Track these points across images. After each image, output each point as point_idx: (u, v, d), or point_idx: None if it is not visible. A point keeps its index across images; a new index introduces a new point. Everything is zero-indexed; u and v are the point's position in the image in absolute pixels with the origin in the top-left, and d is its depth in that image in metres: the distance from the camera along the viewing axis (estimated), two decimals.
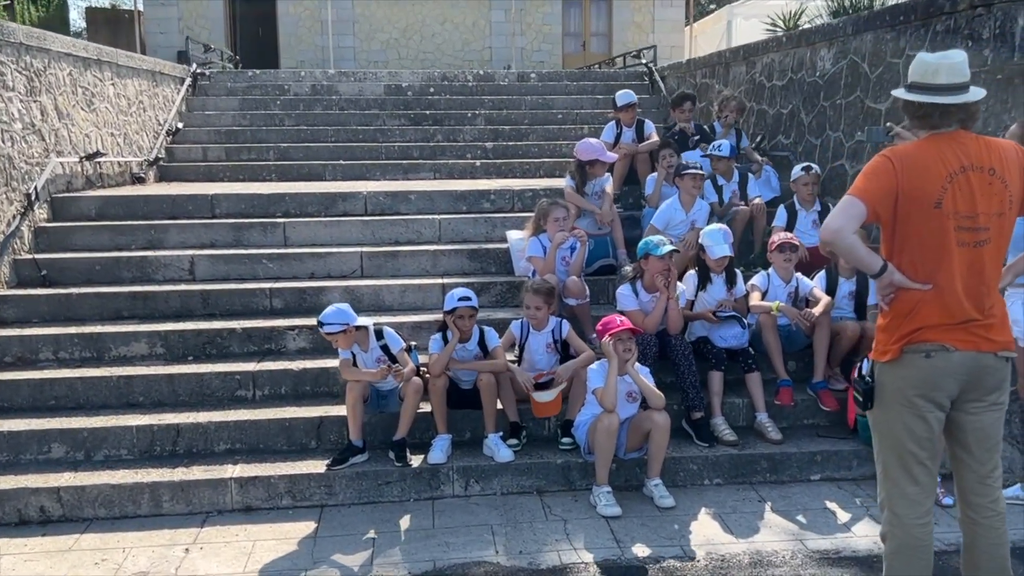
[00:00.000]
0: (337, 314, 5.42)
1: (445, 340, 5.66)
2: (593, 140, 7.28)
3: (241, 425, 5.73)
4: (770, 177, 7.96)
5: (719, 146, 7.49)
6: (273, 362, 6.29)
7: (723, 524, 5.10)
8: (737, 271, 6.31)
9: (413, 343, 5.87)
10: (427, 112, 11.81)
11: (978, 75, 5.83)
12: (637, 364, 5.42)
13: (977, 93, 3.43)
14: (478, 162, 10.33)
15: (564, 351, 5.90)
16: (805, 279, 6.29)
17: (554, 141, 11.05)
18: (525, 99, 12.33)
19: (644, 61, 13.49)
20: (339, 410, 5.81)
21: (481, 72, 13.73)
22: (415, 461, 5.52)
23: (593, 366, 5.47)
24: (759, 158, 7.98)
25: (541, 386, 5.73)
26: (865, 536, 4.93)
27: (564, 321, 5.92)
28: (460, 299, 5.56)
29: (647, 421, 5.29)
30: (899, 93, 3.55)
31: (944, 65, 3.41)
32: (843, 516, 5.19)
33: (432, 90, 12.65)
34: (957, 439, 3.53)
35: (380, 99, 12.24)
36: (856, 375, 3.68)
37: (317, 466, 5.49)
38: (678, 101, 8.16)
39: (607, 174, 7.32)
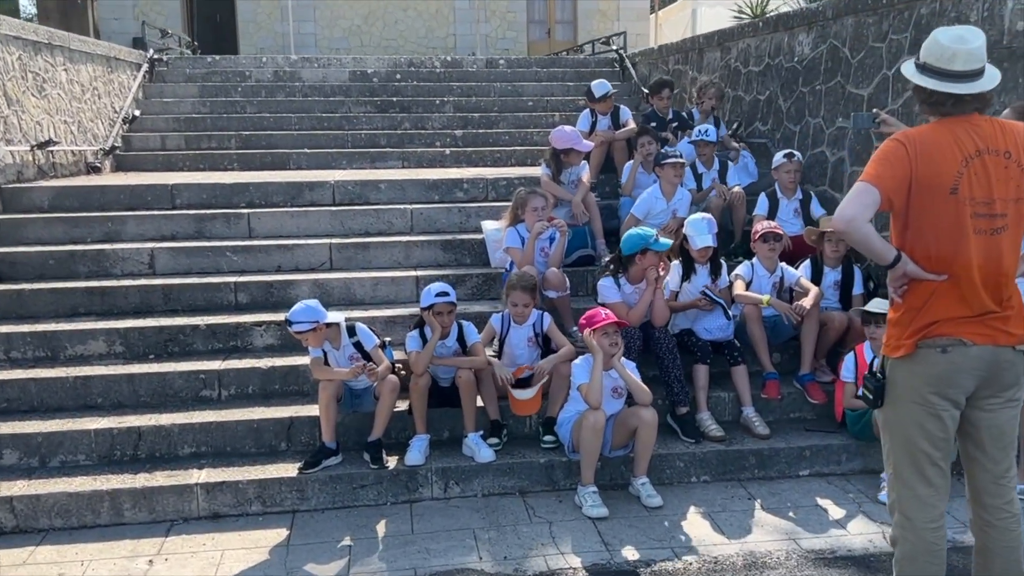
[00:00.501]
0: (306, 311, 5.15)
1: (423, 337, 5.42)
2: (568, 128, 7.05)
3: (207, 427, 5.44)
4: (747, 162, 7.80)
5: (706, 131, 7.30)
6: (239, 360, 6.00)
7: (713, 524, 4.93)
8: (722, 261, 6.13)
9: (387, 339, 5.61)
10: (394, 99, 11.51)
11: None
12: (623, 358, 5.23)
13: (993, 78, 3.24)
14: (448, 150, 10.06)
15: (546, 345, 5.69)
16: (790, 269, 6.13)
17: (525, 129, 10.81)
18: (494, 86, 12.07)
19: (615, 48, 13.27)
20: (310, 410, 5.55)
21: (448, 58, 13.44)
22: (391, 463, 5.28)
23: (577, 361, 5.26)
24: (736, 145, 7.81)
25: (521, 383, 5.52)
26: (859, 534, 4.78)
27: (546, 314, 5.70)
28: (438, 294, 5.31)
29: (634, 417, 5.10)
30: (910, 74, 3.35)
31: (961, 52, 3.21)
32: (835, 513, 5.04)
33: (398, 76, 12.34)
34: (971, 437, 3.36)
35: (345, 86, 11.91)
36: (867, 371, 3.49)
37: (288, 469, 5.22)
38: (656, 87, 7.96)
39: (584, 162, 7.11)
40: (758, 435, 5.64)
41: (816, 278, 6.13)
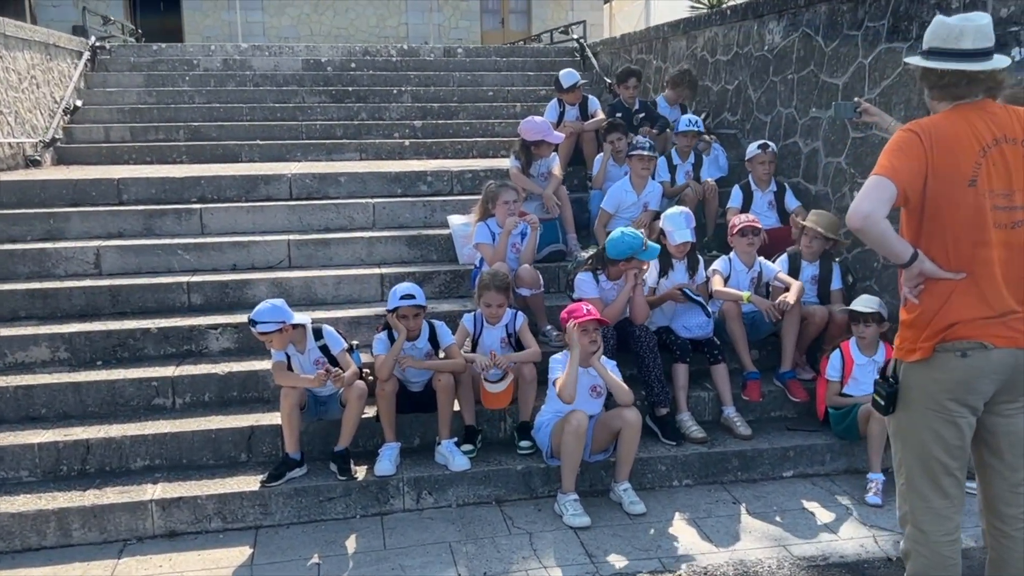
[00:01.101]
0: (272, 311, 4.84)
1: (391, 339, 5.13)
2: (538, 118, 6.80)
3: (161, 438, 5.10)
4: (718, 156, 7.62)
5: (694, 120, 7.09)
6: (194, 365, 5.65)
7: (700, 531, 4.73)
8: (699, 256, 5.94)
9: (355, 342, 5.30)
10: (349, 89, 11.13)
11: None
12: (603, 357, 5.00)
13: (1002, 61, 3.09)
14: (407, 141, 9.73)
15: (518, 346, 5.43)
16: (768, 263, 5.96)
17: (486, 120, 10.53)
18: (453, 75, 11.75)
19: (575, 37, 13.02)
20: (272, 418, 5.24)
21: (405, 47, 13.07)
22: (360, 473, 5.00)
23: (557, 356, 5.03)
24: (707, 137, 7.61)
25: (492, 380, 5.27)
26: (851, 539, 4.63)
27: (519, 314, 5.44)
28: (403, 297, 5.03)
29: (617, 419, 4.88)
30: (916, 60, 3.19)
31: (969, 28, 3.06)
32: (824, 517, 4.88)
33: (353, 65, 11.95)
34: (987, 444, 3.19)
35: (298, 75, 11.49)
36: (878, 376, 3.30)
37: (250, 482, 4.90)
38: (623, 77, 7.73)
39: (554, 155, 6.86)
40: (740, 436, 5.46)
41: (794, 273, 5.97)
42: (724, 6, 9.61)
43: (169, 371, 5.53)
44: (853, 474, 5.42)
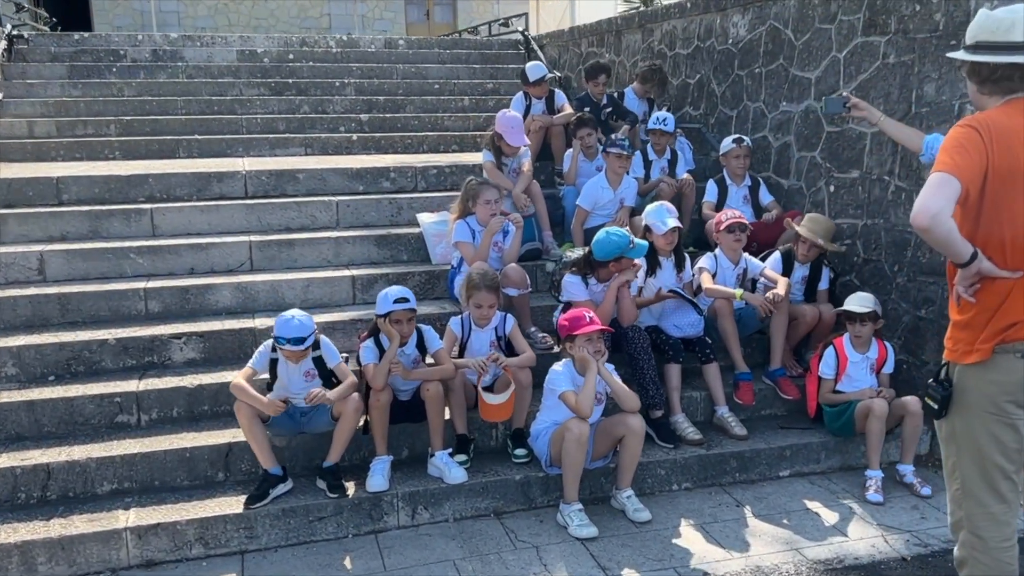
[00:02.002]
0: (302, 326, 4.55)
1: (379, 346, 4.85)
2: (514, 113, 6.56)
3: (129, 459, 4.70)
4: (684, 149, 7.52)
5: (663, 119, 6.94)
6: (159, 378, 5.25)
7: (709, 536, 4.60)
8: (685, 253, 5.81)
9: (344, 355, 4.97)
10: (289, 81, 10.67)
11: (928, 41, 5.57)
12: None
13: None
14: (354, 136, 9.35)
15: (508, 349, 5.21)
16: (754, 260, 5.88)
17: (434, 113, 10.20)
18: (396, 67, 11.39)
19: (519, 29, 12.80)
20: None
21: (344, 38, 12.63)
22: (350, 489, 4.70)
23: (557, 367, 4.81)
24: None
25: (486, 388, 5.02)
26: (861, 539, 4.57)
27: (509, 316, 5.22)
28: (396, 300, 4.75)
29: (620, 426, 4.70)
30: (963, 56, 3.08)
31: (1020, 20, 2.94)
32: (829, 517, 4.81)
33: (291, 57, 11.47)
34: None
35: (234, 66, 10.95)
36: (932, 380, 3.19)
37: (231, 504, 4.56)
38: (593, 73, 7.54)
39: (525, 149, 6.65)
40: (735, 436, 5.36)
41: (786, 272, 5.88)
42: (669, 2, 9.43)
43: (132, 385, 5.12)
44: (848, 471, 5.38)
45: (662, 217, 5.53)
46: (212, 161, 8.04)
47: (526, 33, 12.26)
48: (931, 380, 3.20)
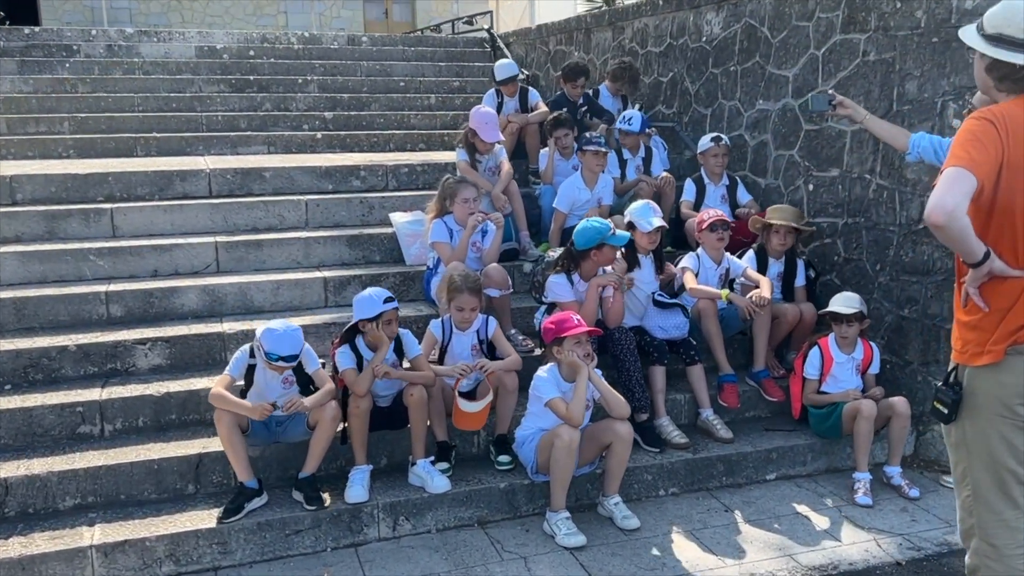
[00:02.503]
0: (295, 339, 4.36)
1: (355, 352, 4.65)
2: (488, 109, 6.40)
3: (94, 473, 4.45)
4: (659, 148, 7.41)
5: (629, 119, 6.82)
6: (123, 386, 5.00)
7: (701, 544, 4.48)
8: (663, 254, 5.70)
9: (321, 361, 4.76)
10: (250, 78, 10.39)
11: (910, 38, 5.53)
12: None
13: None
14: (319, 134, 9.12)
15: (490, 353, 5.05)
16: (735, 260, 5.79)
17: (400, 111, 10.01)
18: (360, 65, 11.16)
19: (484, 27, 12.63)
20: (220, 443, 4.64)
21: (307, 34, 12.36)
22: (328, 500, 4.50)
23: (541, 373, 4.65)
24: (648, 131, 7.40)
25: (465, 394, 4.86)
26: (853, 544, 4.49)
27: (491, 319, 5.06)
28: (386, 300, 4.57)
29: (608, 432, 4.57)
30: (983, 47, 2.91)
31: None
32: (820, 521, 4.73)
33: (252, 53, 11.18)
34: None
35: (192, 63, 10.63)
36: (942, 383, 3.09)
37: (203, 518, 4.34)
38: (572, 75, 7.39)
39: (500, 147, 6.50)
40: (721, 439, 5.26)
41: (761, 269, 5.81)
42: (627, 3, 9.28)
43: (95, 394, 4.86)
44: (834, 473, 5.31)
45: (647, 215, 5.40)
46: (173, 160, 7.77)
47: (492, 31, 12.09)
48: (940, 384, 3.10)
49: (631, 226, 5.46)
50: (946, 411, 3.04)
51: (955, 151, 2.81)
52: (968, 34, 3.01)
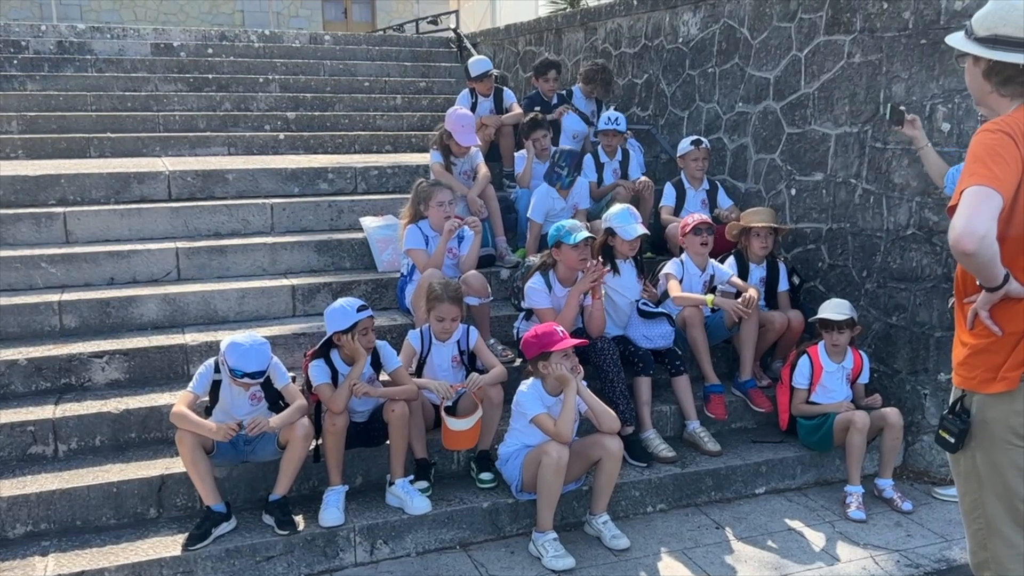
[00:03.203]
0: (262, 354, 4.09)
1: (330, 365, 4.39)
2: (465, 111, 6.17)
3: (47, 497, 4.14)
4: (635, 151, 7.24)
5: (615, 119, 6.63)
6: (78, 403, 4.69)
7: (694, 564, 4.29)
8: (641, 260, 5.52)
9: (291, 375, 4.49)
10: (209, 76, 10.03)
11: (897, 40, 5.41)
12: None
13: None
14: (281, 135, 8.81)
15: (471, 364, 4.82)
16: (720, 266, 5.62)
17: (365, 112, 9.75)
18: (323, 64, 10.86)
19: (451, 27, 12.38)
20: (183, 464, 4.37)
21: (267, 32, 12.02)
22: (301, 524, 4.23)
23: (523, 388, 4.43)
24: (625, 133, 7.21)
25: (448, 411, 4.62)
26: (850, 562, 4.33)
27: (472, 329, 4.83)
28: (359, 309, 4.32)
29: (597, 448, 4.36)
30: (978, 50, 2.72)
31: None
32: (814, 538, 4.57)
33: (211, 51, 10.83)
34: None
35: (148, 60, 10.25)
36: (947, 411, 2.92)
37: (167, 545, 4.05)
38: (542, 69, 7.18)
39: (476, 151, 6.27)
40: (709, 452, 5.09)
41: (742, 275, 5.66)
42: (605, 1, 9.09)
43: (47, 411, 4.55)
44: (824, 486, 5.17)
45: (628, 222, 5.21)
46: (129, 161, 7.42)
47: (458, 31, 11.85)
48: (946, 412, 2.92)
49: (611, 232, 5.26)
50: (953, 440, 2.86)
51: (974, 168, 2.58)
52: (957, 40, 2.80)
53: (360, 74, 10.82)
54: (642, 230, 5.19)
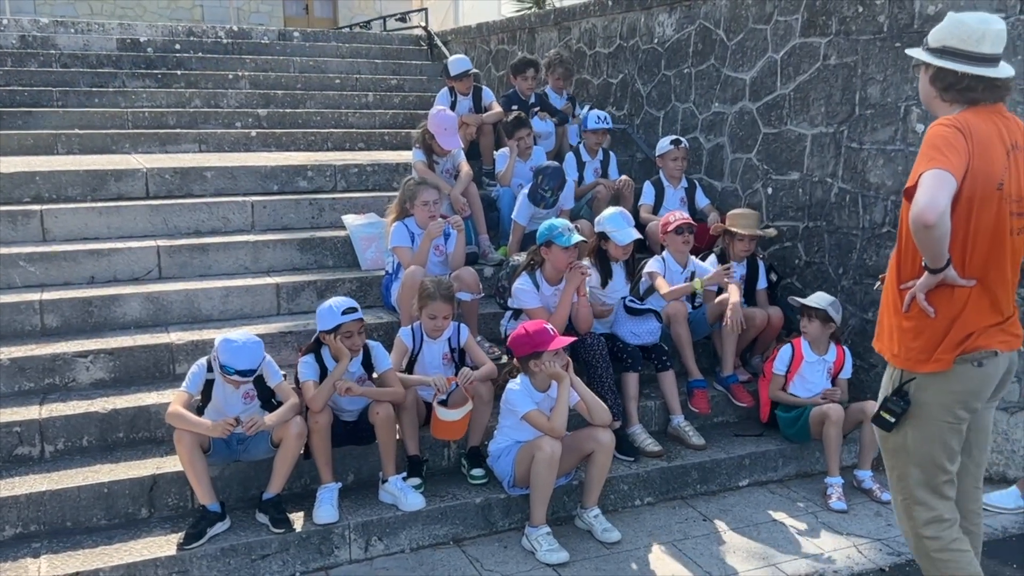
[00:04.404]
0: (253, 352, 4.08)
1: (320, 363, 4.40)
2: (449, 113, 6.18)
3: (36, 498, 4.09)
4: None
5: (603, 117, 6.69)
6: (63, 403, 4.63)
7: (683, 556, 4.38)
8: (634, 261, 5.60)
9: (283, 371, 4.48)
10: (177, 72, 9.89)
11: (872, 43, 5.55)
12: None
13: (1008, 68, 3.00)
14: (253, 132, 8.74)
15: (461, 360, 4.86)
16: (701, 264, 5.72)
17: (337, 109, 9.69)
18: (293, 60, 10.78)
19: (421, 25, 12.36)
20: (175, 463, 4.35)
21: (235, 28, 11.89)
22: (296, 522, 4.24)
23: (513, 385, 4.47)
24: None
25: (440, 403, 4.65)
26: (835, 551, 4.45)
27: (463, 326, 4.86)
28: (346, 311, 4.32)
29: (590, 441, 4.43)
30: (928, 58, 3.01)
31: (990, 32, 2.93)
32: (798, 528, 4.68)
33: (178, 47, 10.69)
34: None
35: (114, 56, 10.08)
36: (889, 393, 3.12)
37: (160, 545, 4.03)
38: (520, 67, 7.21)
39: (460, 150, 6.30)
40: (693, 446, 5.19)
41: None
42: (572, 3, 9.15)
43: (32, 412, 4.49)
44: (804, 478, 5.29)
45: (620, 226, 5.26)
46: (102, 158, 7.32)
47: (429, 29, 11.84)
48: (890, 394, 3.14)
49: (604, 237, 5.32)
50: (894, 420, 3.09)
51: (931, 154, 2.82)
52: (915, 51, 3.10)
53: (331, 71, 10.76)
54: (635, 235, 5.25)
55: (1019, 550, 4.46)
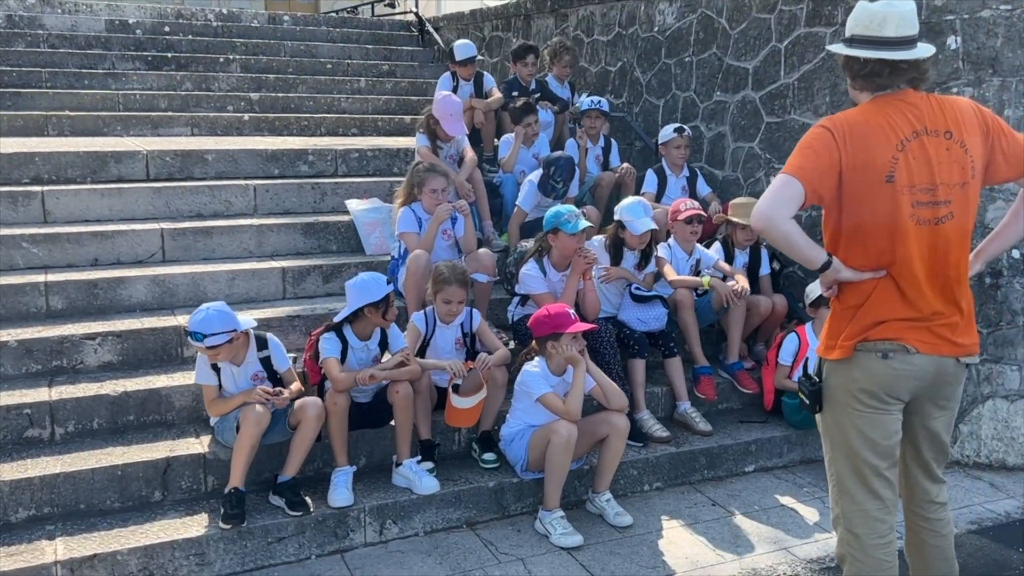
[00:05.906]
0: (221, 318, 4.03)
1: (341, 339, 4.40)
2: (455, 99, 6.15)
3: (50, 481, 4.05)
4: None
5: (597, 101, 6.70)
6: (72, 385, 4.58)
7: (696, 539, 4.43)
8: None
9: (291, 356, 4.46)
10: (168, 55, 9.79)
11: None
12: None
13: (926, 50, 2.93)
14: (245, 116, 8.66)
15: (472, 346, 4.87)
16: (706, 251, 5.77)
17: (329, 94, 9.63)
18: (284, 44, 10.69)
19: (411, 10, 12.29)
20: (187, 446, 4.37)
21: (224, 11, 11.77)
22: (312, 505, 4.23)
23: (530, 367, 4.49)
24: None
25: (454, 388, 4.65)
26: None
27: (475, 311, 4.87)
28: (389, 281, 4.40)
29: (604, 425, 4.46)
30: (837, 49, 3.00)
31: (892, 15, 2.86)
32: (807, 513, 4.74)
33: (167, 29, 10.55)
34: (907, 439, 3.12)
35: (103, 37, 9.94)
36: (802, 374, 3.18)
37: (176, 527, 4.02)
38: (520, 53, 7.20)
39: (464, 136, 6.28)
40: (700, 432, 5.23)
41: (728, 261, 5.82)
42: None
43: (42, 394, 4.44)
44: (809, 464, 5.35)
45: (638, 215, 5.28)
46: (98, 140, 7.23)
47: (419, 14, 11.78)
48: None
49: (621, 226, 5.34)
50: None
51: (793, 156, 2.87)
52: (835, 45, 3.06)
53: (322, 56, 10.68)
54: (651, 224, 5.27)
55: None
